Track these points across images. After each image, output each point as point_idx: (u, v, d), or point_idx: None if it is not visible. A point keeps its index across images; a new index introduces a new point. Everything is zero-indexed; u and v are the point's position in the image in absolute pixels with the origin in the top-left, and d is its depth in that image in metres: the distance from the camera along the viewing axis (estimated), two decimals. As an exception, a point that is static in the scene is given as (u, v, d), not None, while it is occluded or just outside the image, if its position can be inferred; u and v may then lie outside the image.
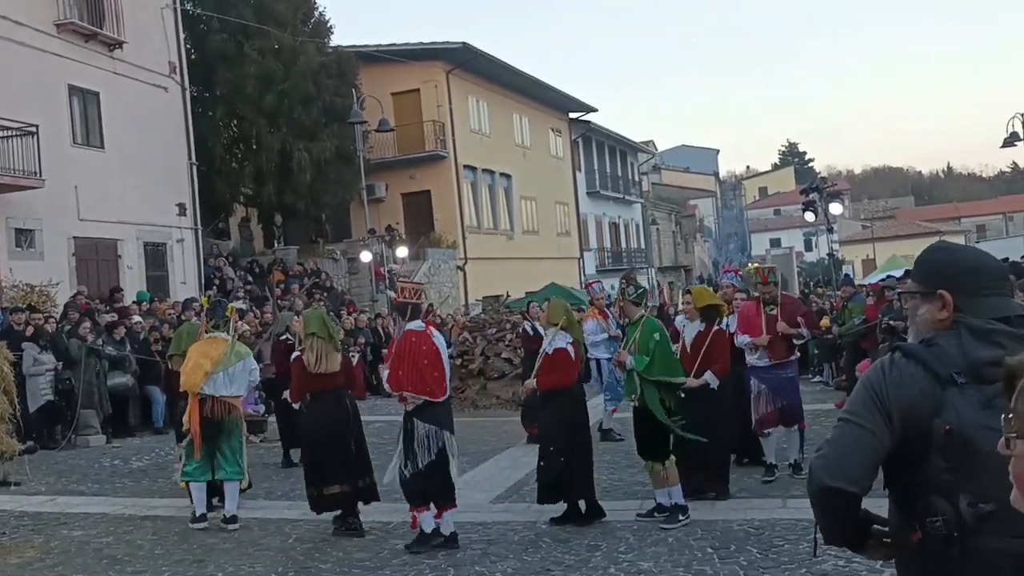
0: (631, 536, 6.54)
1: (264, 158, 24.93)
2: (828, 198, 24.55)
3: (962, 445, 1.92)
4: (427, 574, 5.91)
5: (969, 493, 1.92)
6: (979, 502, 1.91)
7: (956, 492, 1.94)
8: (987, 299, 2.11)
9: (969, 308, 2.10)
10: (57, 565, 6.60)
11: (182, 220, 21.74)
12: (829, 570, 5.49)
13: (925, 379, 2.01)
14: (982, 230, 68.24)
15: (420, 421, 6.55)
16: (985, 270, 2.17)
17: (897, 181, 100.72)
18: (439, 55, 29.64)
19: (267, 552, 6.72)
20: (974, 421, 1.91)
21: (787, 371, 8.18)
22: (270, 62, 24.81)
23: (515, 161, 34.64)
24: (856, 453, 2.07)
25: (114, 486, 9.82)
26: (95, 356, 12.95)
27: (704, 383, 7.28)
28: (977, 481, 1.91)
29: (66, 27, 18.57)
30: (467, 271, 29.91)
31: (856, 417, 2.08)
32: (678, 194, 62.77)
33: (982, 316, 2.08)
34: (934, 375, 2.00)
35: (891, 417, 2.03)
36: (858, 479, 2.05)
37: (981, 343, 2.01)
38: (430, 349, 6.68)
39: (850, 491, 2.06)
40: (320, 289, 23.46)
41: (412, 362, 6.60)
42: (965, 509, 1.93)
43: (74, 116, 19.01)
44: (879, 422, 2.04)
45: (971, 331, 2.05)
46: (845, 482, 2.06)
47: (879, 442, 2.05)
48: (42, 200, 17.17)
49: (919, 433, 1.99)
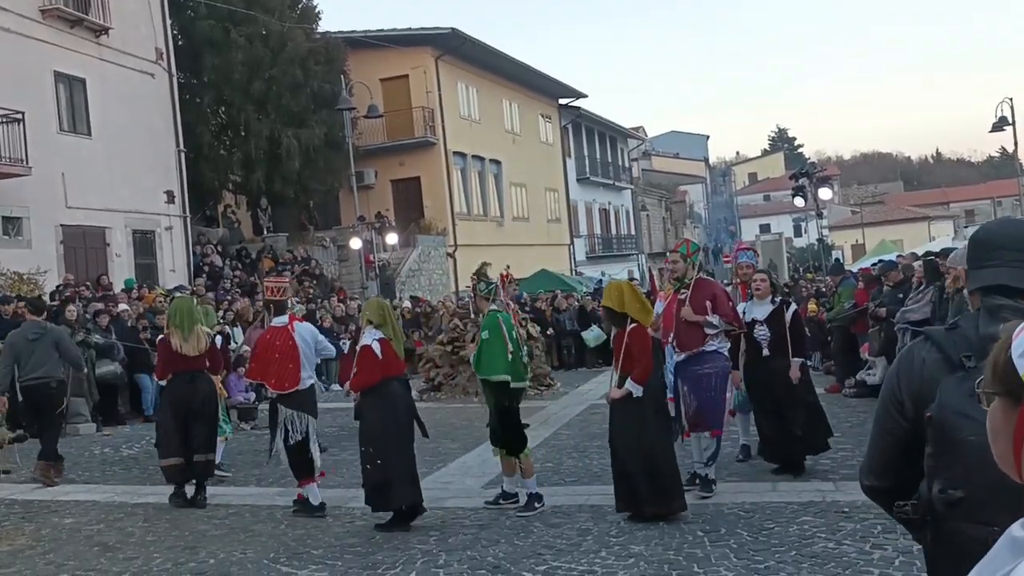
0: (622, 520, 6.56)
1: (252, 145, 24.80)
2: (818, 183, 24.57)
3: (941, 432, 1.93)
4: (418, 559, 5.92)
5: (943, 479, 1.94)
6: (949, 488, 1.92)
7: (934, 477, 1.97)
8: (980, 271, 2.09)
9: (969, 282, 2.12)
10: (48, 552, 6.59)
11: (170, 207, 21.64)
12: (819, 552, 5.52)
13: (936, 364, 2.00)
14: (971, 215, 68.53)
15: (283, 406, 7.33)
16: (993, 242, 2.12)
17: (886, 166, 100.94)
18: (428, 41, 29.50)
19: (258, 538, 6.72)
20: (955, 408, 1.91)
21: (703, 366, 7.05)
22: (258, 48, 24.66)
23: (505, 147, 34.56)
24: (878, 447, 2.10)
25: (104, 474, 9.81)
26: (84, 345, 12.88)
27: (627, 393, 6.43)
28: (951, 468, 1.92)
29: (51, 13, 18.42)
30: (457, 257, 29.90)
31: (876, 412, 2.13)
32: (668, 180, 62.76)
33: (972, 287, 2.09)
34: (946, 359, 1.99)
35: (903, 405, 2.04)
36: (883, 474, 2.08)
37: (993, 320, 1.99)
38: (284, 344, 7.34)
39: (879, 486, 2.09)
40: (310, 276, 23.41)
41: (264, 356, 7.42)
42: (936, 495, 1.95)
43: (60, 103, 18.88)
44: (894, 413, 2.06)
45: (987, 310, 2.04)
46: (873, 478, 2.10)
47: (897, 433, 2.06)
48: (29, 188, 17.06)
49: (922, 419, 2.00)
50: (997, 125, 24.23)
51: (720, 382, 7.12)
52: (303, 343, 7.42)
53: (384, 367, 6.83)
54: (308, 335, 7.60)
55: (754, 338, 7.66)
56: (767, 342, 7.63)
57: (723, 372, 7.16)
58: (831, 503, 6.66)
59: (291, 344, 7.32)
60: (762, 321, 7.65)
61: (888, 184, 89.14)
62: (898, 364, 2.10)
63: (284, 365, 7.28)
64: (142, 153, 20.60)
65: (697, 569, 5.38)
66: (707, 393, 7.05)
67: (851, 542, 5.67)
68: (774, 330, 7.62)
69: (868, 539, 5.69)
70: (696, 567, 5.41)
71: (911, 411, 2.02)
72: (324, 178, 26.56)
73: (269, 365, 7.35)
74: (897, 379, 2.07)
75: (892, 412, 2.06)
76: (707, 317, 7.01)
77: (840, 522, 6.12)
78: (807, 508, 6.57)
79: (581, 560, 5.68)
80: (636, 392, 6.40)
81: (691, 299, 7.08)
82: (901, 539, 5.56)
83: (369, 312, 7.18)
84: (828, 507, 6.55)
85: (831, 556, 5.43)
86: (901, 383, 2.05)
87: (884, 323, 11.05)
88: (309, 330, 7.82)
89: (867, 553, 5.43)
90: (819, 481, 7.38)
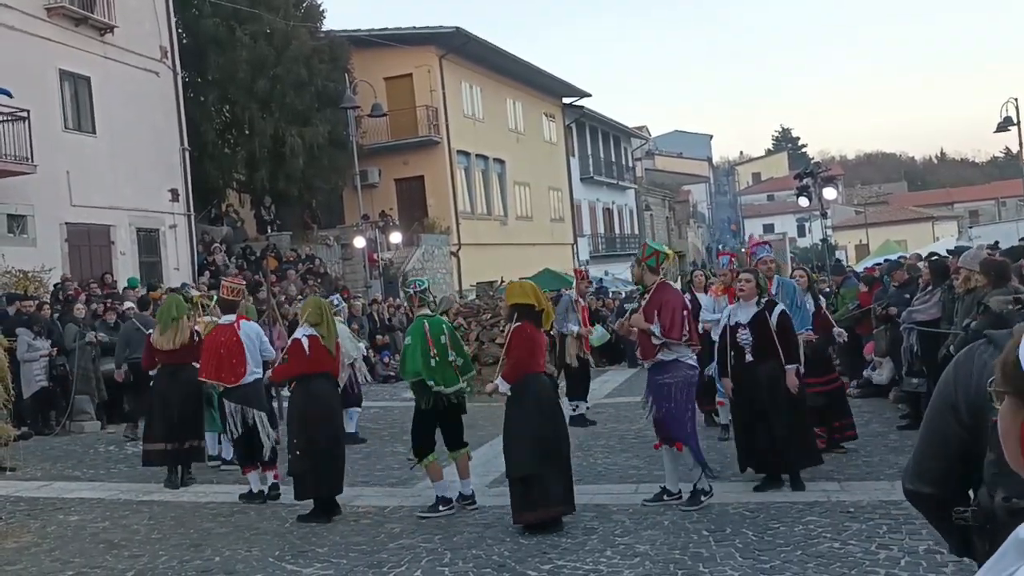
0: (627, 519, 6.56)
1: (256, 143, 24.81)
2: (822, 183, 24.56)
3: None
4: (423, 557, 5.93)
5: (1007, 487, 1.85)
6: (1014, 497, 1.84)
7: (997, 485, 1.88)
8: None
9: None
10: (54, 549, 6.61)
11: (174, 206, 21.66)
12: (824, 551, 5.52)
13: None
14: (975, 215, 68.31)
15: (227, 401, 7.83)
16: None
17: (890, 166, 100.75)
18: (432, 39, 29.49)
19: (264, 536, 6.74)
20: None
21: (663, 375, 6.81)
22: (262, 47, 24.67)
23: (508, 146, 34.56)
24: (928, 452, 2.03)
25: (109, 472, 9.83)
26: (92, 346, 12.92)
27: (494, 388, 6.62)
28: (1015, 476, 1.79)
29: (56, 11, 18.43)
30: (460, 257, 29.90)
31: (927, 415, 2.05)
32: (672, 179, 62.79)
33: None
34: None
35: (959, 410, 1.96)
36: (932, 480, 2.01)
37: None
38: (229, 340, 7.83)
39: (926, 492, 2.03)
40: (314, 275, 23.43)
41: (210, 352, 7.91)
42: (999, 503, 1.87)
43: (65, 101, 18.89)
44: (949, 418, 1.98)
45: None
46: (920, 484, 2.03)
47: (951, 439, 1.99)
48: (34, 186, 17.08)
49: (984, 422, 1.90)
50: (1002, 125, 24.21)
51: (681, 392, 6.80)
52: (247, 340, 7.90)
53: (309, 363, 7.19)
54: (253, 333, 8.09)
55: (738, 343, 7.25)
56: (750, 347, 7.17)
57: (685, 382, 6.82)
58: (836, 503, 6.66)
59: (235, 340, 7.82)
60: (745, 324, 7.20)
61: (892, 184, 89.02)
62: (955, 368, 2.00)
63: (228, 360, 7.79)
64: (146, 151, 20.62)
65: (703, 568, 5.38)
66: (667, 404, 6.78)
67: (856, 542, 5.67)
68: (758, 334, 7.14)
69: (874, 539, 5.69)
70: (702, 566, 5.41)
71: (968, 417, 1.94)
72: (328, 177, 26.56)
73: (220, 362, 7.83)
74: (955, 383, 1.98)
75: (947, 417, 1.98)
76: (651, 327, 6.75)
77: (845, 522, 6.12)
78: (812, 508, 6.56)
79: (586, 559, 5.69)
80: (503, 388, 6.53)
81: (644, 306, 6.90)
82: (907, 539, 5.57)
83: (308, 310, 7.50)
84: (833, 507, 6.55)
85: (836, 556, 5.42)
86: (959, 388, 1.97)
87: (890, 323, 11.03)
88: (255, 329, 8.27)
89: (872, 553, 5.42)
90: (824, 481, 7.37)
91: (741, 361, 7.23)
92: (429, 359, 7.00)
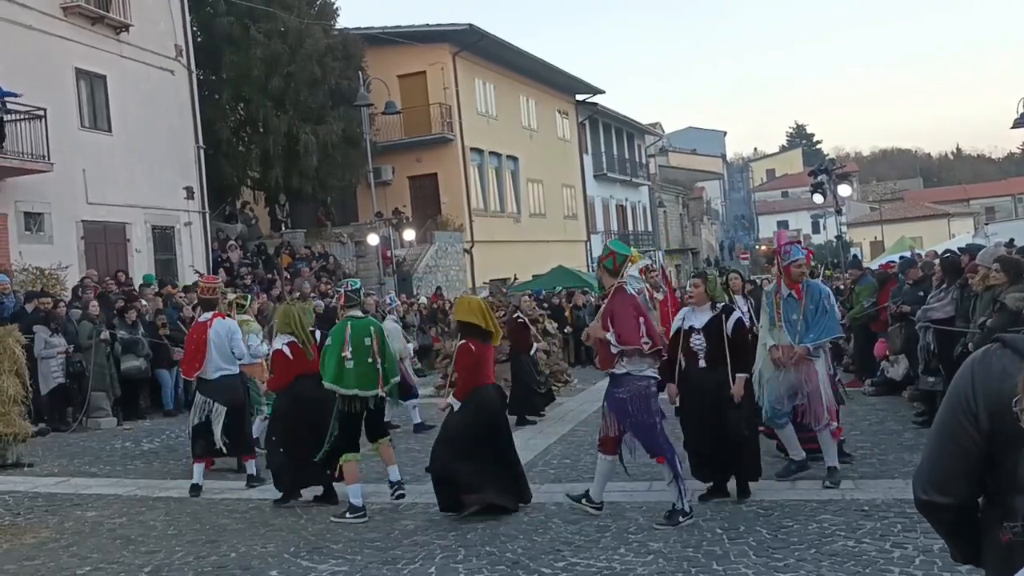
0: (640, 517, 6.57)
1: (271, 141, 24.91)
2: (837, 180, 24.44)
3: None
4: (437, 554, 5.95)
5: None
6: None
7: None
8: None
9: None
10: (72, 545, 6.67)
11: (189, 203, 21.79)
12: (839, 550, 5.51)
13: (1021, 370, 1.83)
14: (991, 212, 67.85)
15: (198, 392, 8.25)
16: None
17: (905, 163, 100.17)
18: (445, 37, 29.52)
19: (279, 532, 6.78)
20: None
21: (617, 389, 6.46)
22: (276, 45, 24.76)
23: (522, 144, 34.56)
24: (942, 461, 1.97)
25: (126, 468, 9.91)
26: (106, 343, 13.02)
27: (447, 406, 6.95)
28: None
29: (73, 10, 18.55)
30: (474, 254, 29.92)
31: (940, 422, 1.98)
32: (685, 176, 62.63)
33: None
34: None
35: (977, 417, 1.90)
36: (948, 489, 1.95)
37: None
38: (199, 337, 8.24)
39: (941, 502, 1.97)
40: (327, 272, 23.50)
41: (187, 347, 8.43)
42: None
43: (81, 99, 19.02)
44: (964, 425, 1.92)
45: None
46: (935, 493, 1.97)
47: (968, 447, 1.92)
48: (51, 184, 17.21)
49: (1009, 429, 1.83)
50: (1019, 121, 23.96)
51: (637, 406, 6.39)
52: (215, 336, 8.24)
53: (296, 367, 7.56)
54: (223, 331, 8.35)
55: (691, 347, 6.86)
56: (703, 352, 6.79)
57: (639, 395, 6.40)
58: (850, 501, 6.64)
59: (203, 338, 8.24)
60: (699, 329, 6.84)
61: (907, 180, 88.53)
62: (972, 373, 1.94)
63: (194, 355, 8.28)
64: (162, 149, 20.75)
65: (716, 566, 5.38)
66: (627, 419, 6.42)
67: (871, 540, 5.65)
68: (712, 340, 6.78)
69: (888, 537, 5.68)
70: (715, 564, 5.41)
71: (987, 424, 1.89)
72: (342, 174, 26.63)
73: (187, 356, 8.40)
74: (972, 389, 1.92)
75: (963, 424, 1.92)
76: (607, 334, 6.36)
77: (860, 520, 6.10)
78: (826, 506, 6.55)
79: (600, 556, 5.69)
80: (456, 406, 6.88)
81: (602, 312, 6.53)
82: (922, 538, 5.55)
83: (278, 321, 7.88)
84: (847, 505, 6.53)
85: (851, 554, 5.41)
86: (977, 394, 1.90)
87: (904, 321, 10.98)
88: (226, 327, 8.47)
89: (887, 552, 5.41)
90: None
91: (694, 366, 6.86)
92: (343, 363, 7.11)
